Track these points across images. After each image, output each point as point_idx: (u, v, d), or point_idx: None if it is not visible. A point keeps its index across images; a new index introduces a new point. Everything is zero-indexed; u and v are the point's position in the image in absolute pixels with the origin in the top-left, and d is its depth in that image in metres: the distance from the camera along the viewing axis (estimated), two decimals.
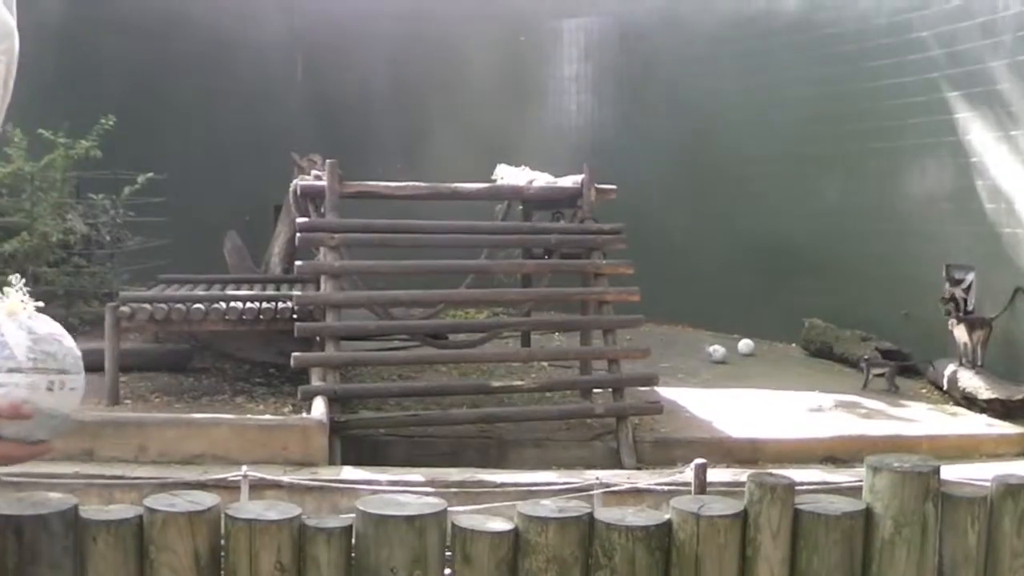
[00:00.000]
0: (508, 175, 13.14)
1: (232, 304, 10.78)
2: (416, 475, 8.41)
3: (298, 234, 10.57)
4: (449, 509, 3.03)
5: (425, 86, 17.86)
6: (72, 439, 8.53)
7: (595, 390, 10.98)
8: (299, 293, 10.72)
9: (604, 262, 10.91)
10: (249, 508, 3.00)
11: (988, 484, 3.39)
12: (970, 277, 12.22)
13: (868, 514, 3.20)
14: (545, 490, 7.70)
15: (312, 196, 11.10)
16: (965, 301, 12.14)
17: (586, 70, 18.23)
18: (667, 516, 3.13)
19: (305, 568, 2.99)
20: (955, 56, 12.67)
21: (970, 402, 11.29)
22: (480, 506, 6.49)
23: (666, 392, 11.39)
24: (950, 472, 3.84)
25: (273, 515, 2.94)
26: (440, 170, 13.51)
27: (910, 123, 13.28)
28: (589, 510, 3.11)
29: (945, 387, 11.85)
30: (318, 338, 10.33)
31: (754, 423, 10.41)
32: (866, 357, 12.42)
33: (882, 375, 12.21)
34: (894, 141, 13.54)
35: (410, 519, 2.90)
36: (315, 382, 9.78)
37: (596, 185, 11.23)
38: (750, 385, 12.22)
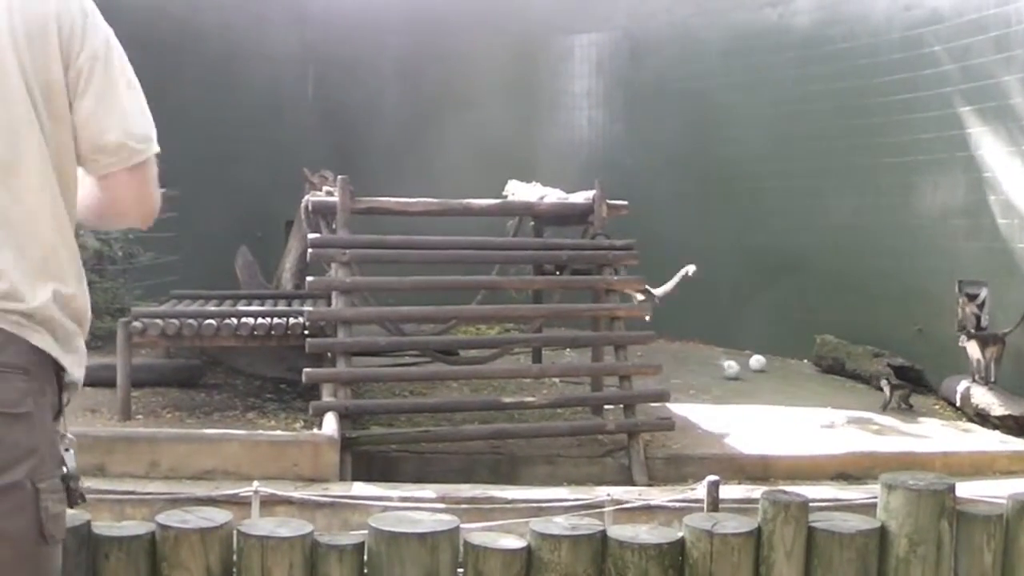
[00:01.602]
0: (519, 191, 13.15)
1: (243, 320, 10.77)
2: (427, 491, 8.40)
3: (309, 250, 10.56)
4: (461, 526, 3.02)
5: (436, 102, 17.88)
6: (84, 454, 8.53)
7: (606, 406, 10.95)
8: (310, 309, 10.71)
9: (616, 278, 10.90)
10: (261, 525, 3.00)
11: (1003, 502, 3.38)
12: (983, 293, 12.20)
13: (883, 532, 3.19)
14: (556, 507, 7.68)
15: (323, 212, 11.10)
16: (978, 317, 12.12)
17: (597, 85, 18.24)
18: (680, 534, 3.13)
19: None
20: (968, 71, 12.66)
21: (983, 419, 11.26)
22: (492, 523, 6.47)
23: (677, 408, 11.37)
24: (964, 489, 3.83)
25: (285, 532, 2.94)
26: (451, 186, 13.51)
27: (923, 138, 13.27)
28: (602, 528, 3.10)
29: (958, 403, 11.82)
30: (329, 354, 10.33)
31: (766, 439, 10.38)
32: (889, 379, 12.32)
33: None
34: (906, 156, 13.52)
35: (422, 536, 2.89)
36: (326, 398, 9.78)
37: (607, 201, 11.23)
38: (762, 401, 12.19)
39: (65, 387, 2.66)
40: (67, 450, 2.70)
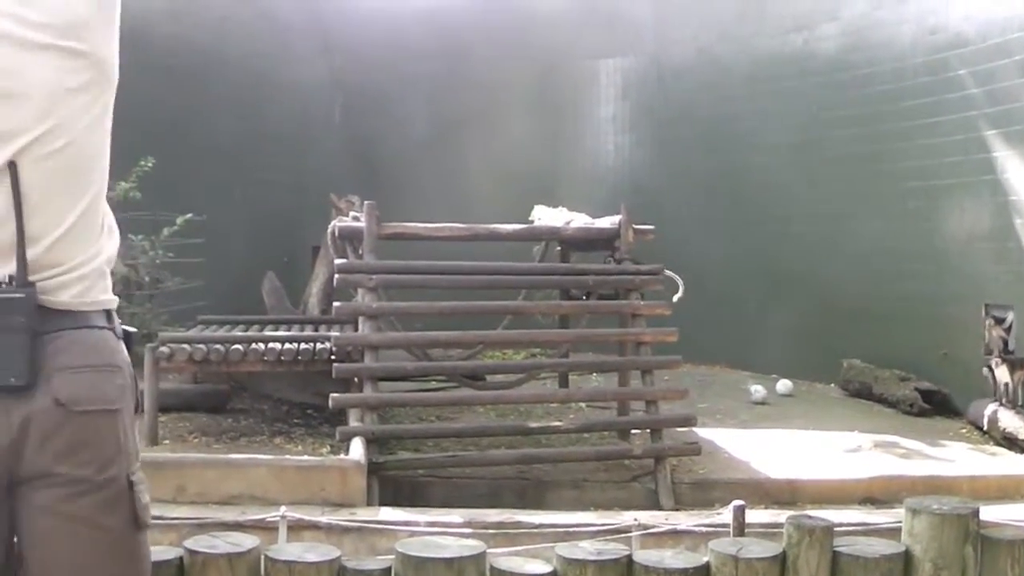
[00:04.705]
0: (545, 216, 13.15)
1: (270, 345, 10.80)
2: (454, 516, 8.40)
3: (336, 275, 10.59)
4: (487, 551, 3.04)
5: (463, 127, 17.93)
6: None
7: (633, 431, 10.95)
8: (337, 334, 10.74)
9: (642, 303, 10.89)
10: (289, 550, 3.02)
11: None
12: (1010, 316, 12.16)
13: (907, 557, 3.19)
14: (583, 531, 7.68)
15: (350, 237, 11.13)
16: (1005, 341, 12.08)
17: (623, 110, 18.26)
18: (705, 558, 3.14)
19: None
20: (993, 94, 12.65)
21: (1010, 442, 11.21)
22: (518, 548, 6.48)
23: (704, 433, 11.36)
24: (990, 513, 3.82)
25: (313, 557, 2.96)
26: (478, 211, 13.54)
27: (948, 162, 13.25)
28: (627, 552, 3.12)
29: (985, 427, 11.78)
30: (356, 379, 10.34)
31: (792, 464, 10.36)
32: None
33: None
34: (932, 180, 13.51)
35: (449, 561, 2.91)
36: (353, 423, 9.80)
37: (634, 226, 11.23)
38: (788, 426, 12.17)
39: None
40: None
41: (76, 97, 2.67)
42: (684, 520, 8.36)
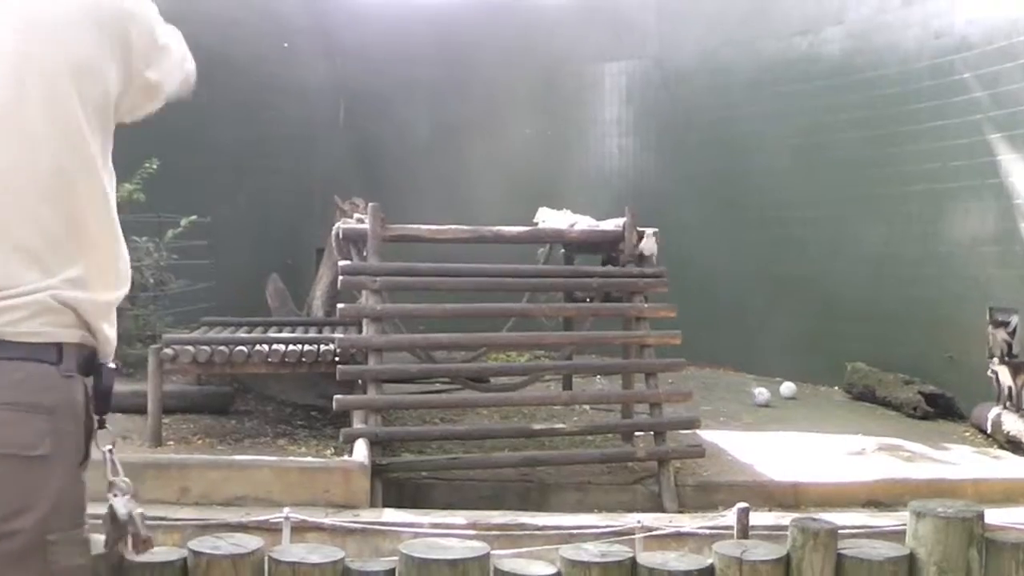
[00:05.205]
0: (550, 219, 13.15)
1: (274, 347, 10.79)
2: (458, 518, 8.39)
3: (340, 277, 10.57)
4: (491, 552, 3.03)
5: (467, 130, 17.92)
6: None
7: (637, 433, 10.94)
8: (341, 336, 10.73)
9: (646, 305, 10.88)
10: (293, 551, 3.01)
11: None
12: (1014, 320, 12.15)
13: (912, 560, 3.19)
14: (587, 533, 7.67)
15: (354, 239, 11.11)
16: (1009, 344, 12.07)
17: (627, 114, 18.26)
18: (710, 561, 3.13)
19: None
20: (998, 98, 12.65)
21: (1015, 446, 11.20)
22: (522, 549, 6.47)
23: (708, 435, 11.35)
24: (995, 517, 3.82)
25: (316, 558, 2.95)
26: (482, 214, 13.53)
27: (952, 165, 13.25)
28: (631, 555, 3.11)
29: (989, 430, 11.77)
30: (360, 381, 10.33)
31: (796, 466, 10.35)
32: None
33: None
34: (936, 183, 13.51)
35: (453, 563, 2.90)
36: (357, 425, 9.78)
37: (638, 228, 11.21)
38: (792, 428, 12.16)
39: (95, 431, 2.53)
40: (115, 496, 2.59)
41: (49, 108, 2.46)
42: (688, 522, 8.34)
